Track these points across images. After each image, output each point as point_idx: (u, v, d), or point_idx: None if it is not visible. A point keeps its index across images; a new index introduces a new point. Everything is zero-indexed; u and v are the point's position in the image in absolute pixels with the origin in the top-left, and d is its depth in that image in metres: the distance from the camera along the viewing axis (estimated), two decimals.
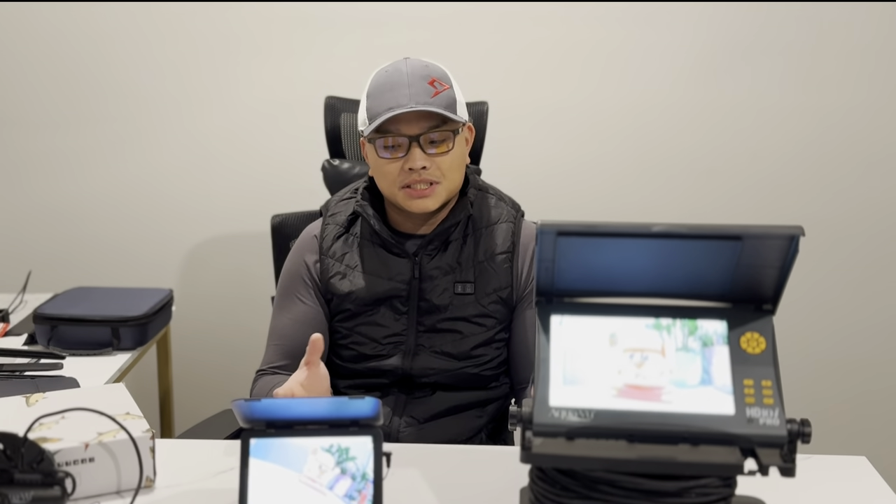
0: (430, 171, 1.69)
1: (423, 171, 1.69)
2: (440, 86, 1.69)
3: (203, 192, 2.90)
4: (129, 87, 2.84)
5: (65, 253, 2.95)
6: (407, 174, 1.70)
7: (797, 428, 1.11)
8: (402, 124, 1.68)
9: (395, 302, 1.77)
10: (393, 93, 1.68)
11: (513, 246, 1.79)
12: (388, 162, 1.71)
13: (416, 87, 1.67)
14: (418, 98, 1.67)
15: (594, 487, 1.13)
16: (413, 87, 1.67)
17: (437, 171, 1.70)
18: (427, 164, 1.69)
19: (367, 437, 1.26)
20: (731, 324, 1.18)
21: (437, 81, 1.69)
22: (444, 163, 1.71)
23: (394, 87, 1.68)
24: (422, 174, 1.69)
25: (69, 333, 2.23)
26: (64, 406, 1.41)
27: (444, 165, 1.71)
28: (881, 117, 2.76)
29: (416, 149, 1.68)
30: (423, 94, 1.67)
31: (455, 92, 1.73)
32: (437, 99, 1.68)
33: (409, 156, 1.69)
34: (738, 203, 2.82)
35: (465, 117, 1.75)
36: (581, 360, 1.17)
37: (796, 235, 1.11)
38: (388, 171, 1.72)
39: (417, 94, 1.67)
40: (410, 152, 1.69)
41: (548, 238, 1.15)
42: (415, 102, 1.66)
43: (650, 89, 2.78)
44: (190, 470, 1.47)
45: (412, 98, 1.67)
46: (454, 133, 1.71)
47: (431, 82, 1.69)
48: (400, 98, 1.67)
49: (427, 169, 1.69)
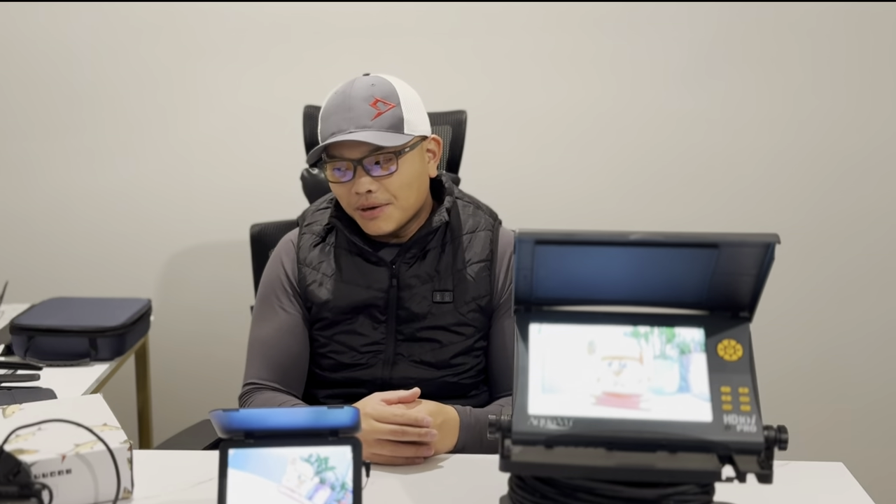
0: (376, 194, 1.70)
1: (370, 195, 1.70)
2: (384, 106, 1.69)
3: (182, 201, 2.89)
4: (108, 95, 2.83)
5: (42, 263, 2.93)
6: (356, 197, 1.71)
7: (774, 434, 1.12)
8: (345, 149, 1.69)
9: (373, 311, 1.77)
10: (337, 116, 1.69)
11: (491, 254, 1.79)
12: (339, 185, 1.73)
13: (357, 109, 1.68)
14: (358, 122, 1.68)
15: (573, 495, 1.13)
16: (354, 111, 1.68)
17: (384, 192, 1.71)
18: (373, 187, 1.69)
19: (347, 447, 1.26)
20: (708, 331, 1.19)
21: (380, 102, 1.69)
22: (392, 184, 1.71)
23: (337, 111, 1.70)
24: (369, 198, 1.70)
25: (46, 344, 2.21)
26: (41, 417, 1.40)
27: (393, 186, 1.71)
28: (857, 125, 2.78)
29: (362, 174, 1.69)
30: (363, 116, 1.68)
31: (403, 110, 1.71)
32: (377, 121, 1.68)
33: (355, 180, 1.70)
34: (715, 211, 2.83)
35: (419, 133, 1.74)
36: (559, 369, 1.17)
37: (772, 243, 1.12)
38: (341, 194, 1.75)
39: (357, 117, 1.68)
40: (356, 177, 1.70)
41: (526, 246, 1.16)
42: (354, 126, 1.67)
43: (629, 98, 2.79)
44: (168, 481, 1.46)
45: (352, 122, 1.68)
46: (398, 154, 1.70)
47: (374, 103, 1.69)
48: (342, 122, 1.68)
49: (373, 192, 1.70)
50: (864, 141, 2.79)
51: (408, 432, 1.51)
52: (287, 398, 1.74)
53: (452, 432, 1.60)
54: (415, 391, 1.57)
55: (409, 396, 1.57)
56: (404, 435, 1.51)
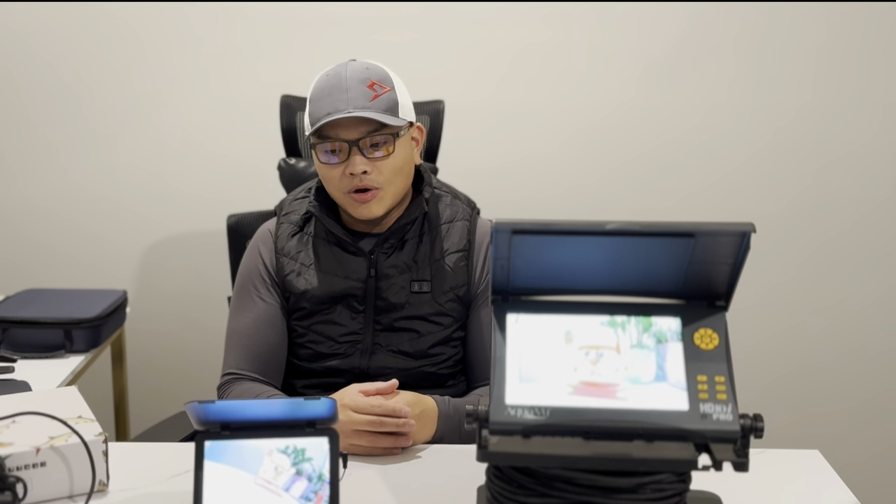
0: (371, 175, 1.69)
1: (365, 176, 1.69)
2: (380, 88, 1.69)
3: (157, 191, 2.87)
4: (82, 86, 2.80)
5: (16, 254, 2.90)
6: (349, 179, 1.70)
7: (750, 423, 1.13)
8: (342, 129, 1.68)
9: (351, 301, 1.77)
10: (332, 98, 1.68)
11: (469, 244, 1.79)
12: (330, 167, 1.71)
13: (355, 91, 1.67)
14: (356, 102, 1.67)
15: (550, 485, 1.13)
16: (351, 92, 1.67)
17: (378, 175, 1.70)
18: (368, 168, 1.69)
19: (324, 438, 1.25)
20: (684, 320, 1.19)
21: (376, 84, 1.69)
22: (386, 167, 1.70)
23: (332, 92, 1.68)
24: (363, 179, 1.69)
25: (21, 336, 2.19)
26: (14, 410, 1.39)
27: (387, 169, 1.70)
28: (830, 115, 2.79)
29: (357, 154, 1.68)
30: (361, 98, 1.67)
31: (397, 94, 1.72)
32: (375, 102, 1.68)
33: (349, 161, 1.69)
34: (692, 201, 2.84)
35: (410, 118, 1.74)
36: (537, 358, 1.17)
37: (748, 232, 1.13)
38: (331, 177, 1.72)
39: (355, 98, 1.67)
40: (351, 157, 1.68)
41: (503, 236, 1.16)
42: (352, 107, 1.66)
43: (604, 88, 2.79)
44: (144, 473, 1.45)
45: (350, 103, 1.66)
46: (394, 136, 1.70)
47: (371, 85, 1.68)
48: (338, 103, 1.67)
49: (368, 174, 1.69)
50: (841, 131, 2.80)
51: (385, 423, 1.51)
52: (265, 388, 1.73)
53: (431, 422, 1.60)
54: (392, 383, 1.57)
55: (386, 388, 1.56)
56: (382, 426, 1.51)
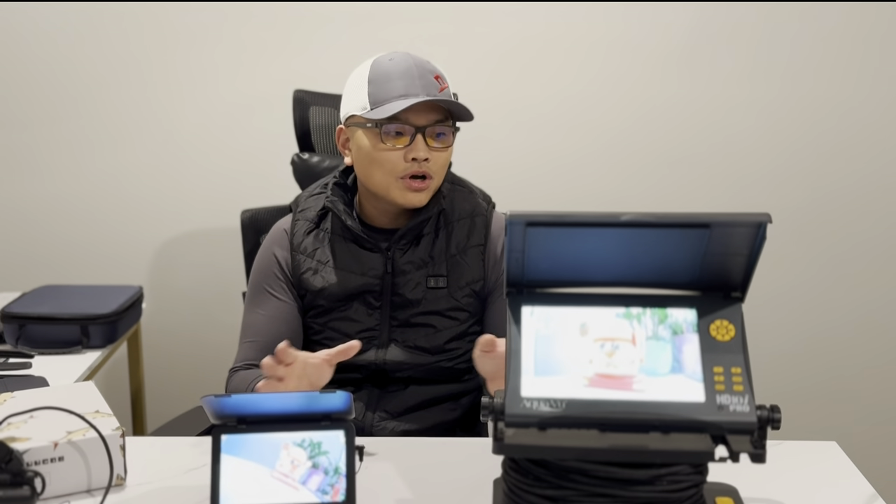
0: (429, 164, 1.69)
1: (425, 163, 1.68)
2: (443, 82, 1.70)
3: (172, 187, 2.88)
4: (96, 83, 2.81)
5: (33, 251, 2.91)
6: (408, 164, 1.68)
7: (767, 414, 1.12)
8: (412, 114, 1.66)
9: (367, 297, 1.76)
10: (403, 81, 1.66)
11: (485, 239, 1.79)
12: (389, 150, 1.68)
13: (427, 78, 1.67)
14: (429, 90, 1.66)
15: (567, 477, 1.13)
16: (425, 79, 1.67)
17: (434, 165, 1.70)
18: (430, 155, 1.68)
19: (340, 431, 1.26)
20: (700, 312, 1.19)
21: (440, 77, 1.70)
22: (441, 158, 1.71)
23: (403, 76, 1.66)
24: (423, 165, 1.68)
25: (38, 332, 2.20)
26: (32, 405, 1.40)
27: (440, 161, 1.71)
28: (846, 107, 2.78)
29: (421, 139, 1.67)
30: (432, 87, 1.67)
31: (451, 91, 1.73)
32: (444, 93, 1.68)
33: (413, 146, 1.67)
34: (707, 194, 2.83)
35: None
36: (552, 351, 1.17)
37: (763, 222, 1.12)
38: (386, 159, 1.69)
39: (428, 85, 1.66)
40: (415, 142, 1.67)
41: (517, 229, 1.15)
42: (426, 93, 1.66)
43: (619, 81, 2.78)
44: (161, 467, 1.46)
45: (424, 89, 1.66)
46: (454, 130, 1.72)
47: (437, 77, 1.69)
48: (411, 87, 1.66)
49: (427, 161, 1.68)
50: (857, 122, 2.79)
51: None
52: (258, 373, 1.69)
53: None
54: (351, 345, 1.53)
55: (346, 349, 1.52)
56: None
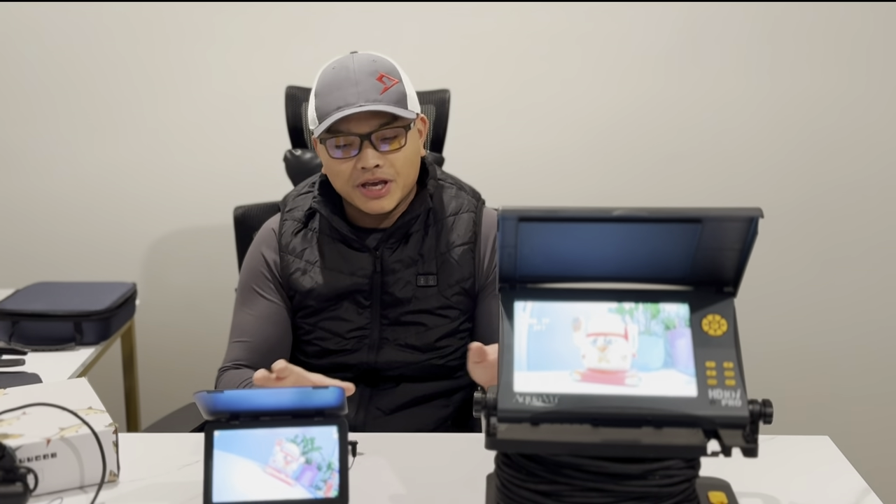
0: (383, 169, 1.67)
1: (377, 170, 1.66)
2: (389, 81, 1.66)
3: (165, 184, 2.87)
4: (87, 80, 2.80)
5: (25, 248, 2.91)
6: (360, 173, 1.67)
7: (759, 408, 1.12)
8: (353, 123, 1.65)
9: (357, 296, 1.76)
10: (341, 91, 1.64)
11: (474, 236, 1.78)
12: (340, 162, 1.68)
13: (364, 84, 1.64)
14: (367, 96, 1.63)
15: (559, 472, 1.13)
16: (361, 85, 1.64)
17: (390, 168, 1.67)
18: (380, 161, 1.66)
19: (333, 427, 1.26)
20: (692, 306, 1.19)
21: (385, 77, 1.66)
22: (398, 160, 1.68)
23: (341, 86, 1.65)
24: (375, 172, 1.66)
25: (31, 329, 2.20)
26: (25, 402, 1.40)
27: (398, 163, 1.68)
28: (840, 103, 2.78)
29: (369, 147, 1.65)
30: (371, 91, 1.64)
31: (405, 85, 1.69)
32: (386, 95, 1.65)
33: (361, 155, 1.66)
34: (699, 190, 2.83)
35: (417, 110, 1.72)
36: (544, 346, 1.17)
37: (755, 217, 1.12)
38: (340, 171, 1.69)
39: (366, 91, 1.64)
40: (362, 151, 1.66)
41: (509, 224, 1.15)
42: (363, 101, 1.63)
43: (613, 77, 2.78)
44: (154, 463, 1.46)
45: (360, 96, 1.63)
46: (406, 129, 1.68)
47: (380, 78, 1.65)
48: (348, 97, 1.64)
49: (380, 167, 1.66)
50: (850, 118, 2.79)
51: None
52: (250, 373, 1.69)
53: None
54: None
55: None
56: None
